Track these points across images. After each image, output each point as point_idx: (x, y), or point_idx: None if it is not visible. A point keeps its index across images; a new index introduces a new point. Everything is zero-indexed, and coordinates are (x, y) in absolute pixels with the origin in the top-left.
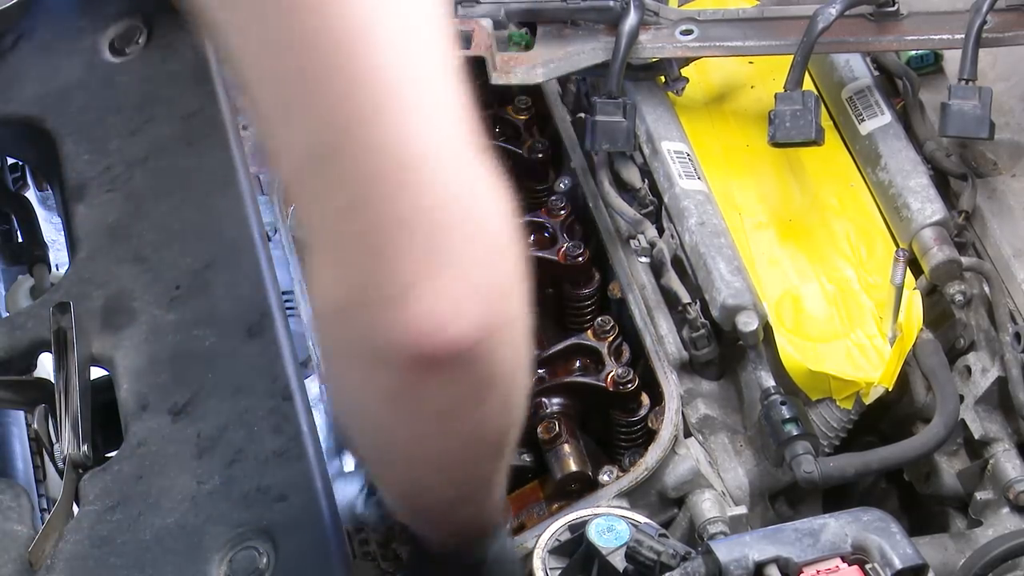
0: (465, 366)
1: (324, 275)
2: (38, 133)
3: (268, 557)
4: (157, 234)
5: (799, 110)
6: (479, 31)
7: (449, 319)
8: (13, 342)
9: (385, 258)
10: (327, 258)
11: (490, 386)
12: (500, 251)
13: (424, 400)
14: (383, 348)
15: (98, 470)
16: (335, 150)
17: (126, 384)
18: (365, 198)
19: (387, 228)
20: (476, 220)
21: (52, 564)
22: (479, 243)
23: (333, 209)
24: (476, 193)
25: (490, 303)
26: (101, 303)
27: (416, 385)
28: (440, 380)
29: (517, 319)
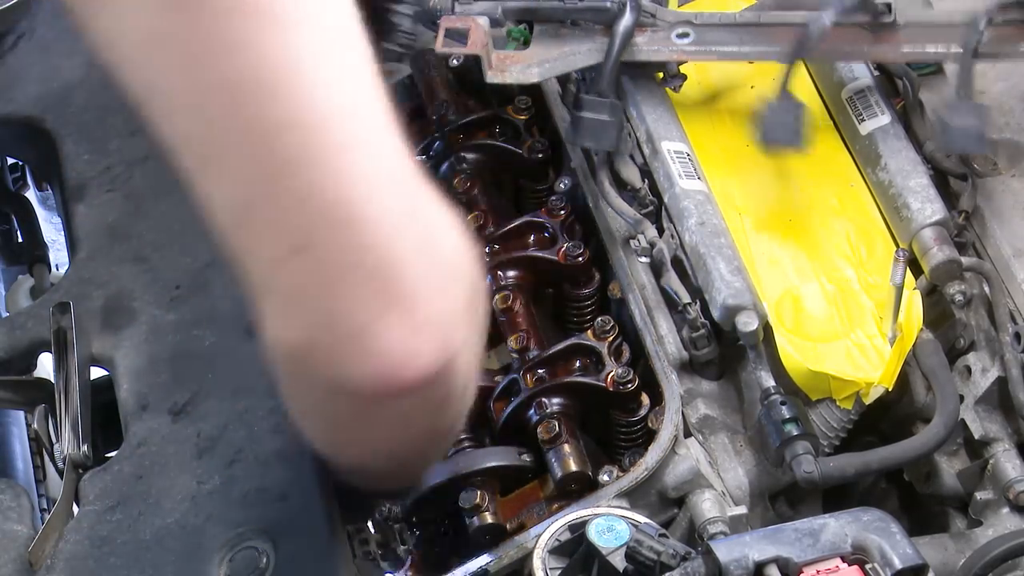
0: (422, 391)
1: (273, 320)
2: (38, 133)
3: (268, 557)
4: (157, 234)
5: (785, 115)
6: (476, 29)
7: (406, 356)
8: (13, 342)
9: (335, 300)
10: (274, 303)
11: (445, 402)
12: (452, 276)
13: (380, 418)
14: (340, 384)
15: (98, 470)
16: (267, 198)
17: (126, 384)
18: (305, 243)
19: (333, 270)
20: (424, 249)
21: (52, 564)
22: (430, 272)
23: (273, 258)
24: (421, 221)
25: (445, 332)
26: (101, 303)
27: (372, 409)
28: (397, 404)
29: (471, 338)
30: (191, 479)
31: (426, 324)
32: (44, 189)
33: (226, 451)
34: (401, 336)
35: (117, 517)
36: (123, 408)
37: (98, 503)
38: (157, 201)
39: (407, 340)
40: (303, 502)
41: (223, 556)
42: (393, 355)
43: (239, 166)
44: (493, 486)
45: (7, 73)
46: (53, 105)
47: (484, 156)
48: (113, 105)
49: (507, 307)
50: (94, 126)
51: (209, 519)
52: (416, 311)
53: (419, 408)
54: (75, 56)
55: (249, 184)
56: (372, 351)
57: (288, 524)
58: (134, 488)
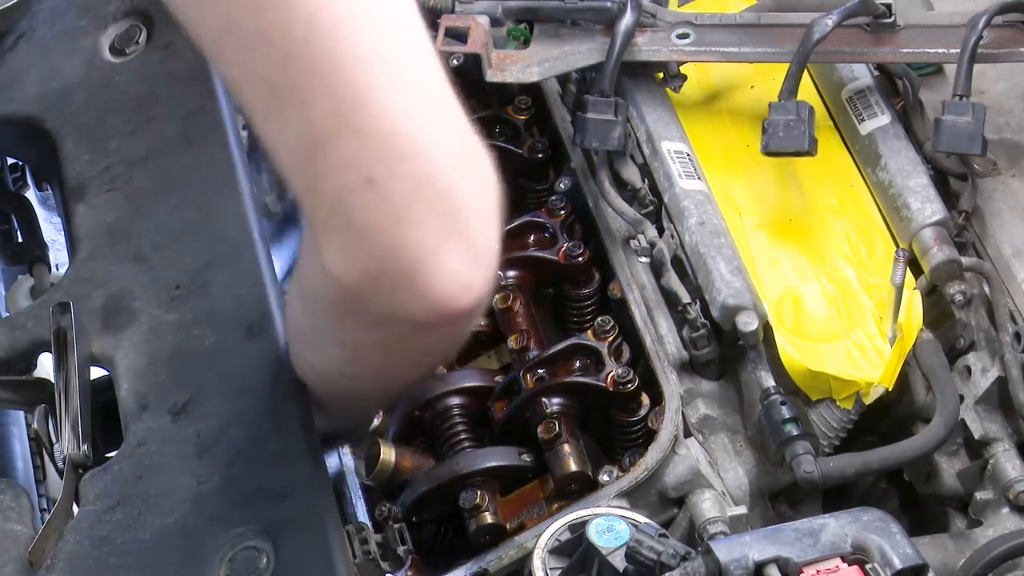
0: (466, 319)
1: (336, 253)
2: (38, 133)
3: (268, 557)
4: (157, 234)
5: (793, 120)
6: (476, 28)
7: (464, 284)
8: (13, 342)
9: (402, 230)
10: (339, 236)
11: (465, 332)
12: (495, 211)
13: (412, 346)
14: (399, 315)
15: (98, 470)
16: (340, 132)
17: (126, 384)
18: (375, 175)
19: (400, 201)
20: (476, 183)
21: (52, 564)
22: (482, 205)
23: (343, 190)
24: (474, 157)
25: (491, 264)
26: (101, 303)
27: (415, 337)
28: (440, 331)
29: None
30: (191, 479)
31: (481, 254)
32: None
33: (226, 451)
34: (461, 265)
35: (117, 517)
36: (123, 408)
37: (98, 503)
38: (157, 201)
39: (466, 269)
40: (303, 502)
41: (223, 556)
42: (453, 283)
43: (314, 101)
44: (493, 486)
45: (7, 73)
46: (53, 105)
47: None
48: (113, 105)
49: (507, 307)
50: (94, 126)
51: (209, 519)
52: (474, 241)
53: (452, 337)
54: (75, 56)
55: (323, 119)
56: (435, 278)
57: (288, 524)
58: (134, 488)
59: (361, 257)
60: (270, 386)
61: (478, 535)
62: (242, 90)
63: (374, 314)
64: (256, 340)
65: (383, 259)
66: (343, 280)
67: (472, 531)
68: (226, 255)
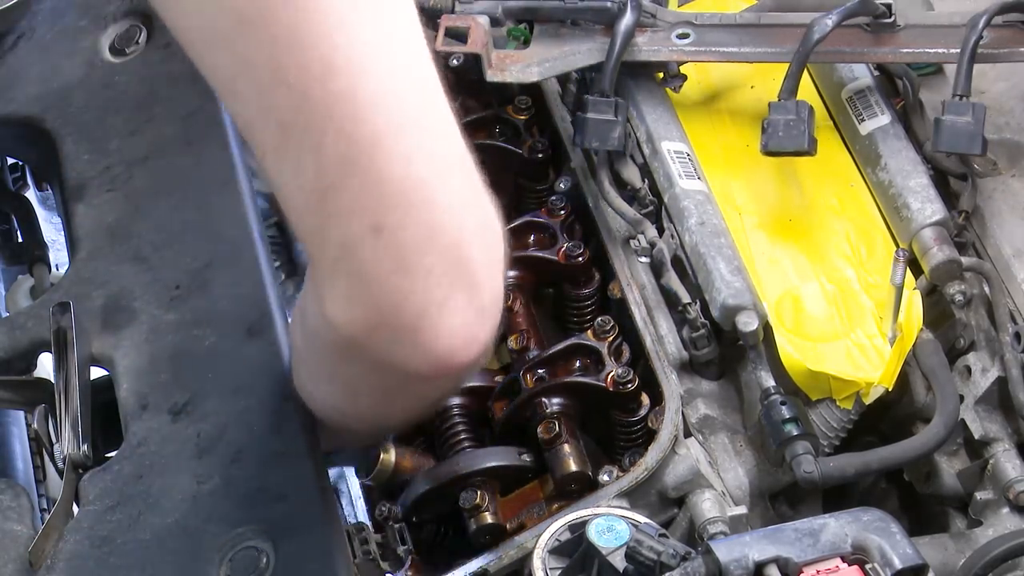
0: (467, 371)
1: (339, 300)
2: (38, 133)
3: (268, 557)
4: (157, 234)
5: (792, 120)
6: (475, 28)
7: (468, 337)
8: (13, 342)
9: (407, 280)
10: (343, 284)
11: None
12: (501, 262)
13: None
14: (399, 367)
15: (98, 470)
16: (349, 179)
17: (126, 384)
18: (383, 223)
19: (407, 250)
20: (484, 233)
21: (52, 564)
22: (488, 256)
23: (350, 237)
24: (482, 207)
25: (496, 316)
26: (101, 303)
27: (415, 385)
28: (442, 382)
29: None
30: (191, 479)
31: (486, 307)
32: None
33: (226, 451)
34: (466, 318)
35: (117, 517)
36: (123, 408)
37: (98, 503)
38: (157, 201)
39: (471, 323)
40: (303, 502)
41: (223, 556)
42: (456, 337)
43: (326, 144)
44: (493, 486)
45: (7, 73)
46: (53, 105)
47: (484, 156)
48: (113, 105)
49: (507, 307)
50: (94, 126)
51: (209, 519)
52: (480, 293)
53: (450, 385)
54: (75, 56)
55: (333, 164)
56: (439, 332)
57: (288, 524)
58: (134, 488)
59: (365, 306)
60: (270, 386)
61: (478, 535)
62: (253, 129)
63: (373, 362)
64: (256, 340)
65: (387, 310)
66: (344, 328)
67: (472, 531)
68: (226, 255)
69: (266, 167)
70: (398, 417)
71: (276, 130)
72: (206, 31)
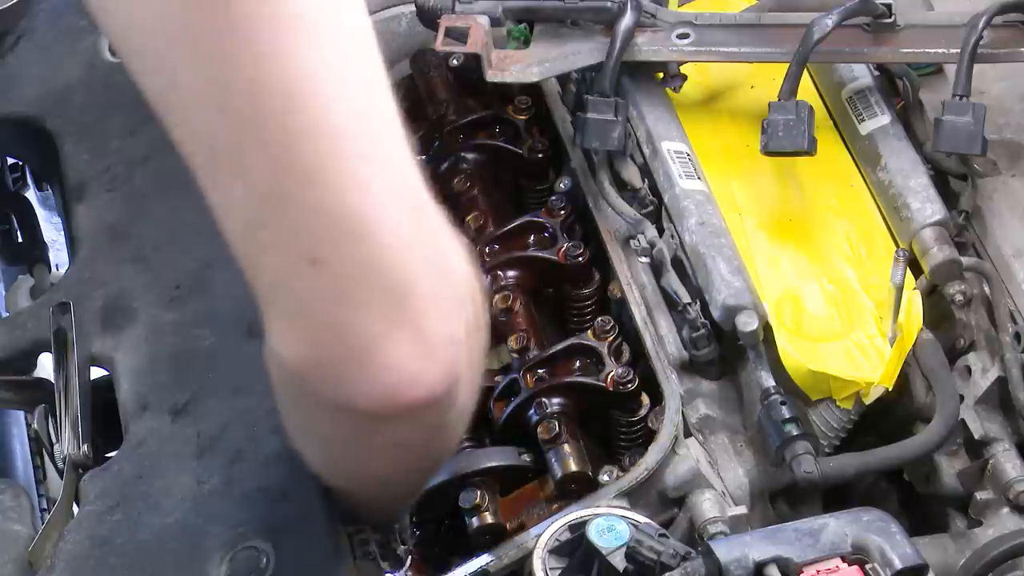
0: (423, 413)
1: (279, 332)
2: (38, 133)
3: (268, 557)
4: (157, 234)
5: (792, 120)
6: (476, 28)
7: (412, 375)
8: (13, 342)
9: (345, 314)
10: (281, 315)
11: (441, 428)
12: (459, 300)
13: (380, 439)
14: (343, 401)
15: (98, 470)
16: (284, 208)
17: (126, 384)
18: (319, 256)
19: (345, 284)
20: (435, 269)
21: (52, 564)
22: (439, 293)
23: (285, 269)
24: (435, 243)
25: (451, 355)
26: (101, 303)
27: (371, 429)
28: (398, 425)
29: (473, 363)
30: (191, 479)
31: (434, 344)
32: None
33: (226, 451)
34: (409, 354)
35: (117, 517)
36: (123, 408)
37: (98, 503)
38: (157, 201)
39: (414, 359)
40: (303, 502)
41: (223, 556)
42: (399, 373)
43: (256, 173)
44: (493, 486)
45: (7, 73)
46: (53, 105)
47: (484, 156)
48: (113, 105)
49: (507, 307)
50: (94, 126)
51: (209, 519)
52: (425, 330)
53: (416, 432)
54: (75, 56)
55: (266, 192)
56: (379, 368)
57: (288, 524)
58: (134, 488)
59: (305, 340)
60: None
61: (478, 535)
62: (186, 150)
63: (322, 401)
64: (256, 340)
65: (326, 344)
66: (289, 362)
67: (472, 531)
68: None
69: (203, 190)
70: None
71: (208, 154)
72: (137, 43)
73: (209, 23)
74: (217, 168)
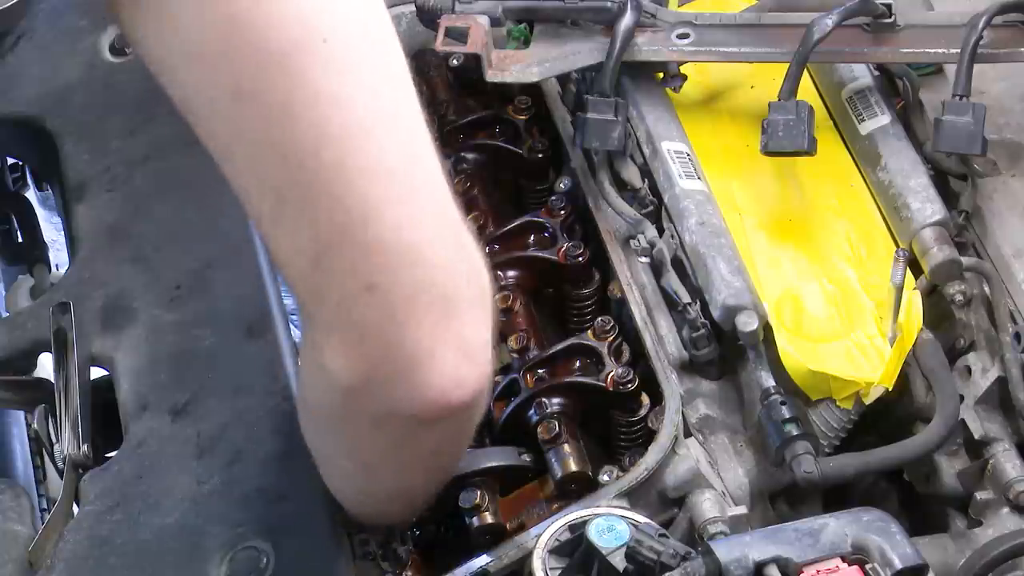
0: (464, 414)
1: (336, 355)
2: (38, 133)
3: (268, 557)
4: (157, 234)
5: (792, 120)
6: (476, 28)
7: (458, 380)
8: (13, 342)
9: (400, 332)
10: (339, 339)
11: (470, 429)
12: (487, 311)
13: (421, 446)
14: (397, 412)
15: (98, 470)
16: (343, 244)
17: (126, 384)
18: (376, 282)
19: (400, 305)
20: (471, 282)
21: (52, 564)
22: (475, 303)
23: (345, 297)
24: (469, 256)
25: (486, 358)
26: (101, 303)
27: (418, 435)
28: (442, 428)
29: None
30: (191, 479)
31: (474, 350)
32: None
33: (226, 451)
34: (455, 362)
35: (117, 517)
36: (123, 408)
37: (98, 503)
38: (157, 201)
39: (460, 366)
40: (303, 502)
41: (223, 556)
42: (447, 379)
43: (320, 213)
44: (493, 486)
45: (7, 73)
46: (53, 105)
47: (484, 156)
48: (113, 105)
49: (507, 307)
50: (94, 126)
51: (209, 519)
52: (467, 339)
53: (453, 434)
54: (75, 56)
55: (328, 230)
56: (430, 376)
57: (288, 524)
58: (134, 488)
59: (360, 356)
60: (270, 386)
61: (478, 535)
62: (249, 195)
63: (373, 413)
64: (256, 340)
65: (381, 357)
66: (342, 378)
67: (472, 531)
68: (226, 255)
69: (262, 231)
70: (420, 485)
71: (272, 198)
72: (202, 102)
73: (266, 80)
74: (283, 211)
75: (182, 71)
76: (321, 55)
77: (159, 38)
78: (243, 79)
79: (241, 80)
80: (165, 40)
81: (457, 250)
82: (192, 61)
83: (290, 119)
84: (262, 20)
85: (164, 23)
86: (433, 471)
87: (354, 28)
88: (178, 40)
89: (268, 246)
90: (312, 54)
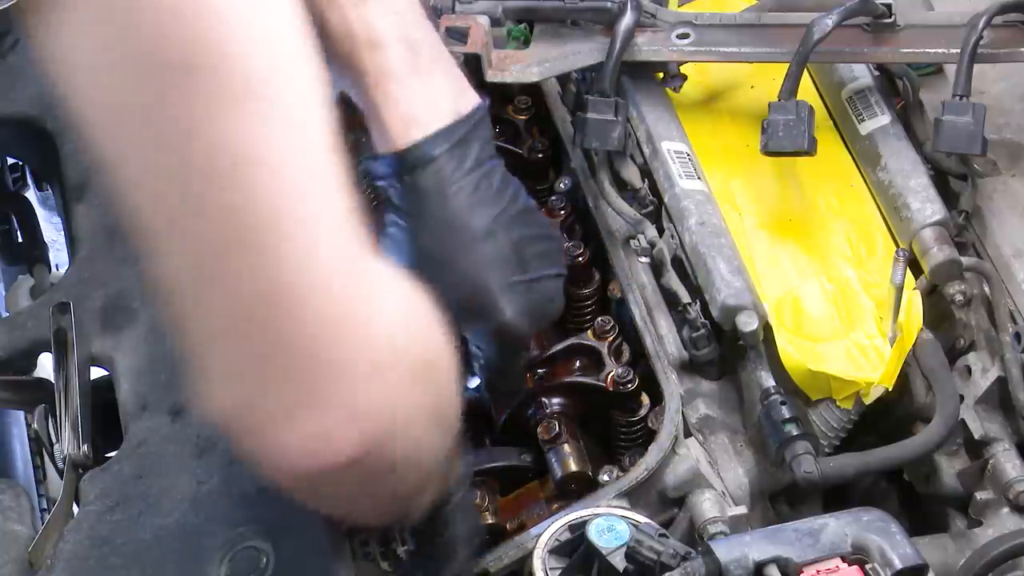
0: (343, 473)
1: (208, 385)
2: (38, 133)
3: (268, 557)
4: None
5: (792, 120)
6: (476, 28)
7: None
8: (13, 342)
9: (258, 384)
10: (210, 371)
11: (389, 472)
12: (387, 362)
13: (322, 490)
14: (268, 460)
15: (98, 470)
16: (212, 275)
17: (126, 384)
18: (240, 325)
19: (262, 354)
20: (359, 338)
21: (52, 564)
22: (359, 363)
23: (209, 331)
24: (362, 307)
25: (367, 421)
26: (101, 303)
27: (307, 484)
28: (331, 478)
29: (418, 411)
30: (191, 479)
31: (346, 417)
32: (44, 189)
33: (226, 451)
34: (315, 429)
35: (117, 517)
36: (123, 408)
37: (98, 503)
38: None
39: (320, 434)
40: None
41: (223, 556)
42: (305, 444)
43: (189, 241)
44: (493, 486)
45: (7, 73)
46: (53, 105)
47: None
48: None
49: None
50: None
51: (209, 519)
52: (334, 407)
53: (357, 483)
54: None
55: (196, 260)
56: (286, 436)
57: (288, 524)
58: (134, 488)
59: (221, 397)
60: None
61: None
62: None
63: (251, 452)
64: None
65: (239, 406)
66: (207, 414)
67: None
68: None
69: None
70: (366, 519)
71: (147, 220)
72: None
73: (154, 98)
74: (152, 235)
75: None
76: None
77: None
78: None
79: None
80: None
81: (346, 300)
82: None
83: (172, 143)
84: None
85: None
86: (370, 507)
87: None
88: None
89: (148, 265)
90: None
